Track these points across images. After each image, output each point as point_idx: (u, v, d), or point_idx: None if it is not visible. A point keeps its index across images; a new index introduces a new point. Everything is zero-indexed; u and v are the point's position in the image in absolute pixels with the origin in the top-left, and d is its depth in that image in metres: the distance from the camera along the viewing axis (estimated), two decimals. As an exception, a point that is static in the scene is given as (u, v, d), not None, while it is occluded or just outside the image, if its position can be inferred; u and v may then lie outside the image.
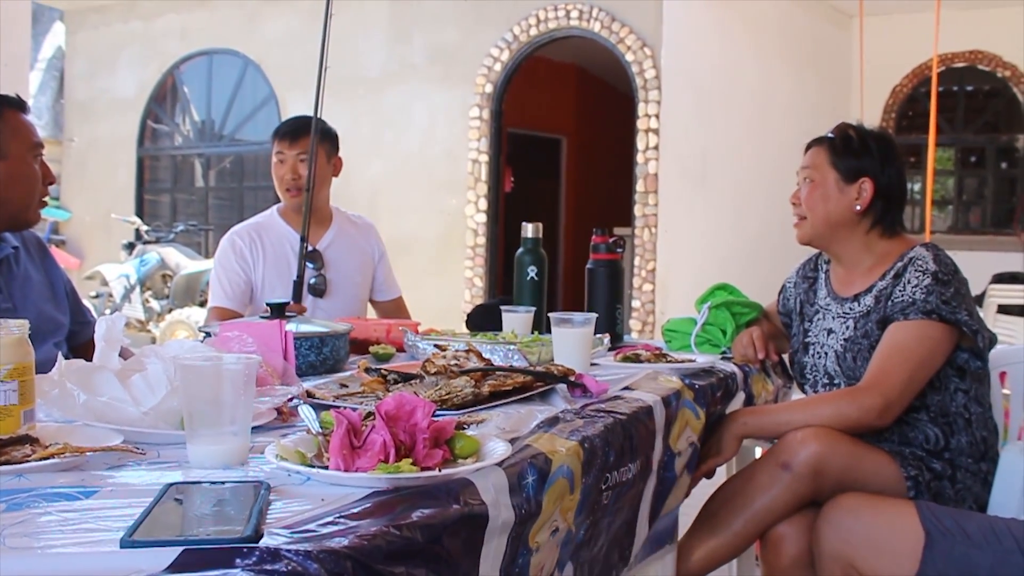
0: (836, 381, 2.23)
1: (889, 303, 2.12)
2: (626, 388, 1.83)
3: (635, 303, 7.19)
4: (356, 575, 0.84)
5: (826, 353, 2.26)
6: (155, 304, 8.61)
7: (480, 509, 1.07)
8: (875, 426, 2.07)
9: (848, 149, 2.24)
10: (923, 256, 2.13)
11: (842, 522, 1.93)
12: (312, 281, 3.05)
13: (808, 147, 2.32)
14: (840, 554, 1.91)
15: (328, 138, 3.15)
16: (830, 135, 2.28)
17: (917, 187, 8.61)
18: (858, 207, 2.22)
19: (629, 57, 7.29)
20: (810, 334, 2.34)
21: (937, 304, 2.05)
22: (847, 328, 2.23)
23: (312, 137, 2.90)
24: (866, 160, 2.23)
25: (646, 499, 1.76)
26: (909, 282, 2.10)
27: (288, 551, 0.83)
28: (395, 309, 3.28)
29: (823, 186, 2.24)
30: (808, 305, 2.39)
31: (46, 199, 2.21)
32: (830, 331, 2.27)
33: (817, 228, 2.26)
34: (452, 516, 1.01)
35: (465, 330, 2.58)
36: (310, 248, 3.08)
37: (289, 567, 0.81)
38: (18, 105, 2.15)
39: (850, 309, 2.24)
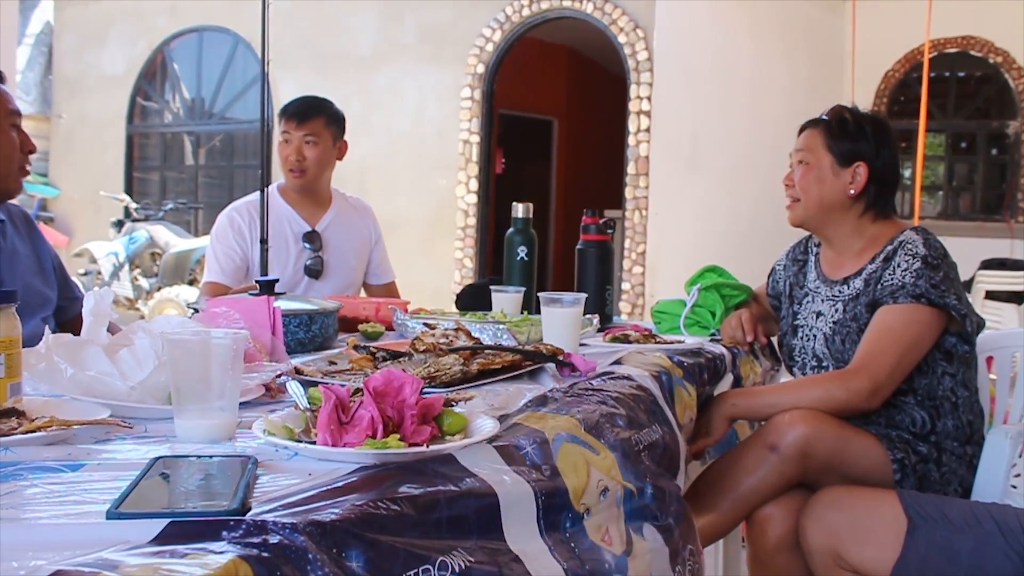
0: (824, 364, 2.24)
1: (879, 287, 2.13)
2: (615, 363, 1.83)
3: (625, 285, 7.20)
4: (343, 547, 0.84)
5: (815, 336, 2.27)
6: (144, 282, 8.58)
7: (479, 486, 1.06)
8: (863, 409, 2.08)
9: (844, 133, 2.23)
10: (913, 240, 2.14)
11: (825, 515, 1.95)
12: (309, 262, 3.05)
13: (802, 129, 2.31)
14: (826, 546, 1.92)
15: (335, 121, 3.14)
16: (825, 117, 2.28)
17: (907, 173, 8.59)
18: (852, 191, 2.22)
19: (622, 39, 7.27)
20: (799, 316, 2.34)
21: (926, 288, 2.06)
22: (836, 311, 2.23)
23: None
24: (861, 144, 2.22)
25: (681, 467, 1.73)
26: (899, 266, 2.11)
27: (275, 524, 0.83)
28: (387, 294, 3.28)
29: (817, 169, 2.23)
30: (797, 288, 2.39)
31: (27, 168, 2.17)
32: (819, 314, 2.28)
33: (810, 211, 2.26)
34: (447, 492, 1.01)
35: (454, 310, 2.58)
36: (309, 229, 3.08)
37: (276, 539, 0.81)
38: None
39: (839, 292, 2.24)
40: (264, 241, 2.58)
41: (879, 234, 2.23)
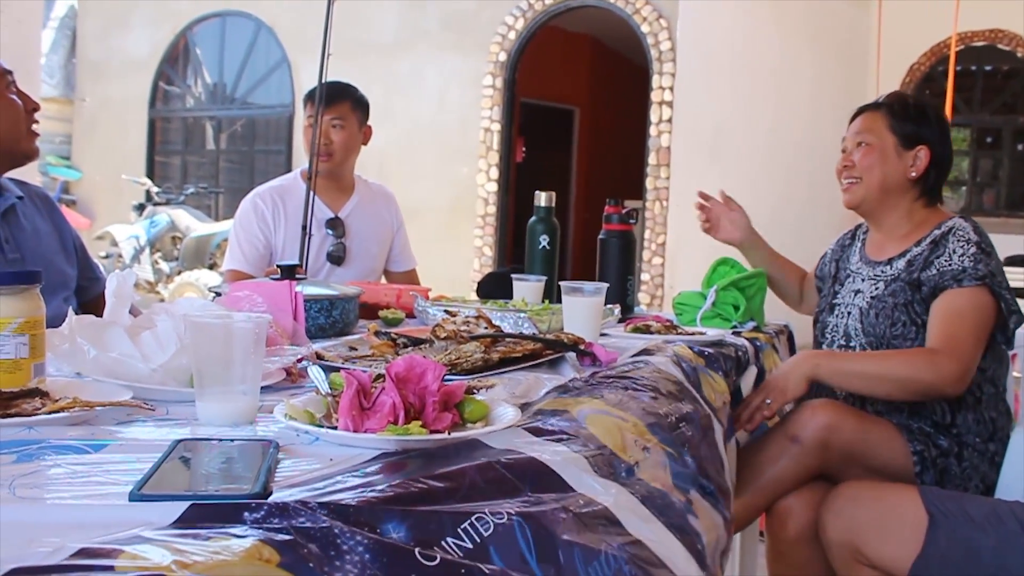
0: (852, 343, 2.23)
1: (930, 271, 2.11)
2: (637, 354, 1.82)
3: (645, 276, 7.18)
4: (377, 522, 0.84)
5: (849, 312, 2.27)
6: (164, 266, 8.63)
7: (504, 453, 1.04)
8: (947, 394, 2.03)
9: (907, 115, 2.23)
10: (963, 227, 2.14)
11: (845, 509, 1.94)
12: (331, 248, 3.04)
13: (857, 113, 2.31)
14: (846, 541, 1.91)
15: (360, 106, 3.14)
16: (885, 100, 2.27)
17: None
18: (913, 174, 2.22)
19: (645, 28, 7.23)
20: (839, 295, 2.35)
21: (986, 272, 2.05)
22: (876, 288, 2.24)
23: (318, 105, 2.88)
24: (925, 128, 2.22)
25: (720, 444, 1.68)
26: (955, 251, 2.09)
27: (297, 507, 0.82)
28: (407, 281, 3.28)
29: (881, 149, 2.23)
30: (842, 270, 2.41)
31: (36, 129, 2.15)
32: (858, 291, 2.28)
33: (871, 191, 2.25)
34: (476, 465, 0.99)
35: (475, 297, 2.57)
36: (332, 215, 3.08)
37: (298, 522, 0.80)
38: None
39: (881, 272, 2.25)
40: (305, 227, 2.60)
41: (926, 220, 2.24)
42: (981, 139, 9.43)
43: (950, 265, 2.08)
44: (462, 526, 0.85)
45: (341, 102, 3.06)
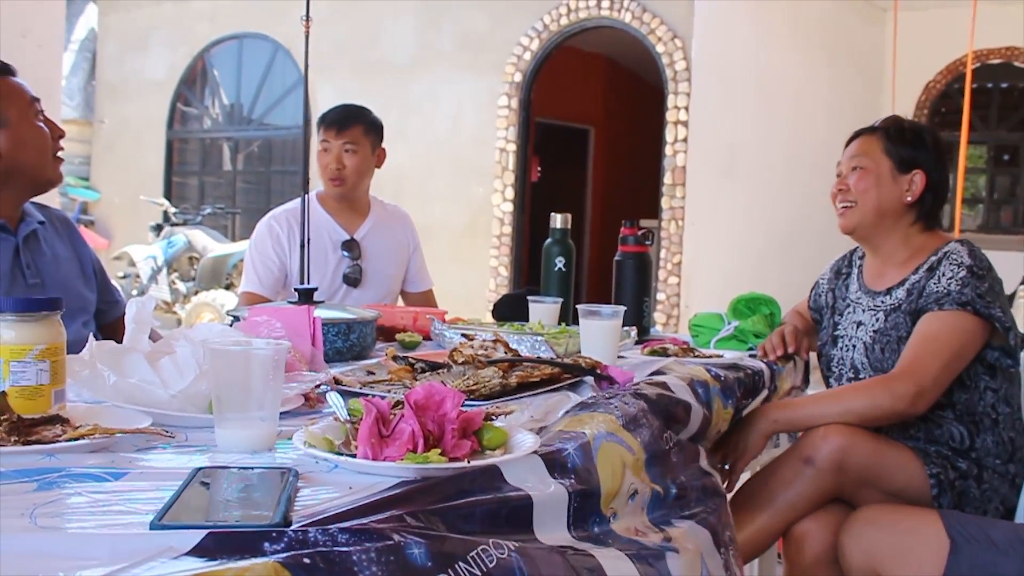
0: (861, 375, 2.21)
1: (922, 296, 2.10)
2: (653, 373, 1.82)
3: (660, 296, 7.17)
4: (386, 561, 0.84)
5: (854, 345, 2.25)
6: (181, 286, 8.67)
7: (516, 495, 1.06)
8: (908, 414, 2.04)
9: (902, 139, 2.22)
10: (958, 250, 2.12)
11: (865, 533, 1.92)
12: (347, 271, 3.05)
13: (853, 137, 2.30)
14: (865, 565, 1.90)
15: (374, 129, 3.14)
16: (879, 125, 2.27)
17: (948, 185, 8.51)
18: (909, 198, 2.21)
19: (659, 48, 7.25)
20: (839, 327, 2.33)
21: (972, 296, 2.04)
22: (877, 320, 2.21)
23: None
24: (921, 152, 2.21)
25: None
26: (944, 274, 2.09)
27: (317, 537, 0.82)
28: (424, 301, 3.27)
29: (876, 173, 2.22)
30: (840, 299, 2.38)
31: (61, 155, 2.17)
32: (860, 324, 2.26)
33: (866, 216, 2.23)
34: (491, 503, 1.02)
35: (491, 319, 2.57)
36: (348, 237, 3.09)
37: (318, 552, 0.80)
38: (3, 69, 2.08)
39: (881, 302, 2.23)
40: (303, 246, 2.59)
41: (924, 245, 2.22)
42: (998, 156, 9.40)
43: (936, 288, 2.08)
44: (471, 554, 0.91)
45: (354, 126, 3.07)
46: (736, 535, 2.06)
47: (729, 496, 2.17)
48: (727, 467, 2.12)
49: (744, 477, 2.19)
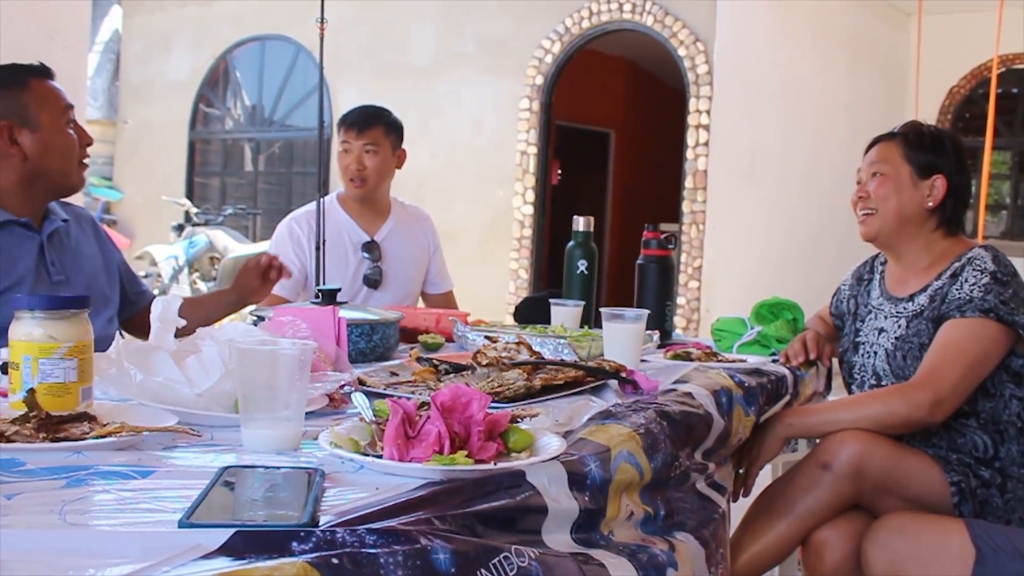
0: (883, 382, 2.19)
1: (944, 302, 2.08)
2: (677, 382, 1.81)
3: (680, 300, 7.14)
4: (412, 565, 0.84)
5: (875, 352, 2.23)
6: (202, 286, 8.71)
7: (536, 501, 1.06)
8: (925, 423, 2.02)
9: (922, 145, 2.20)
10: (982, 256, 2.10)
11: (889, 542, 1.90)
12: (368, 272, 3.05)
13: (873, 143, 2.27)
14: (890, 574, 1.88)
15: (394, 130, 3.15)
16: (898, 131, 2.24)
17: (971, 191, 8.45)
18: (930, 203, 2.18)
19: (681, 52, 7.23)
20: (861, 333, 2.31)
21: (995, 303, 2.01)
22: (899, 327, 2.19)
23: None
24: (941, 157, 2.19)
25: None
26: (967, 280, 2.06)
27: (345, 537, 0.83)
28: (445, 303, 3.27)
29: (896, 179, 2.19)
30: (862, 306, 2.36)
31: (86, 161, 2.18)
32: (881, 330, 2.24)
33: (887, 222, 2.21)
34: (509, 507, 1.01)
35: (512, 321, 2.57)
36: (368, 239, 3.09)
37: (346, 553, 0.80)
38: (43, 72, 2.10)
39: (903, 309, 2.20)
40: (319, 247, 2.60)
41: (947, 251, 2.19)
42: (1022, 163, 9.32)
43: (959, 294, 2.05)
44: (493, 561, 0.92)
45: (374, 127, 3.07)
46: (754, 543, 2.06)
47: (745, 500, 2.17)
48: (741, 471, 2.11)
49: (760, 482, 2.18)
